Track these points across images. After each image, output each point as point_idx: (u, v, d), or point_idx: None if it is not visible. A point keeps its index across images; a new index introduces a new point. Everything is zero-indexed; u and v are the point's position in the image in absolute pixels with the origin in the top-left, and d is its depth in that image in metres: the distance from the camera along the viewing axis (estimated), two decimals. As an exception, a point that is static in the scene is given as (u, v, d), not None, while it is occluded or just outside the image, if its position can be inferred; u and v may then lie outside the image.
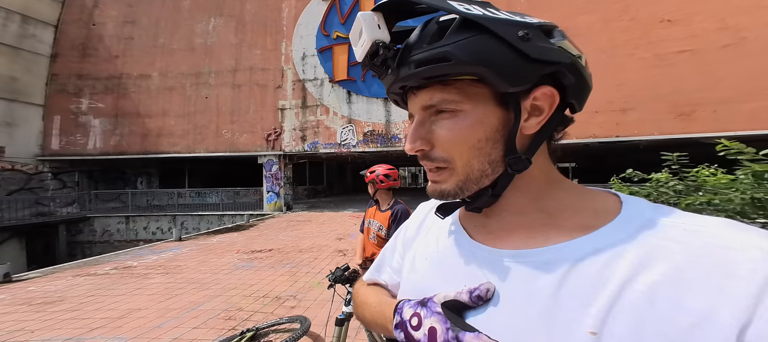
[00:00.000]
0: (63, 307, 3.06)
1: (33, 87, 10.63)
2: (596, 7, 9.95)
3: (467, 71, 0.29)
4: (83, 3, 11.56)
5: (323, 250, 5.58)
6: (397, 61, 0.31)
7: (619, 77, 9.39)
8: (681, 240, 0.25)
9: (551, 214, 0.33)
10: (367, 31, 0.31)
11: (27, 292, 3.56)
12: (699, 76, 8.49)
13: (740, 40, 8.28)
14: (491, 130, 0.31)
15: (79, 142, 10.88)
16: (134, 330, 2.62)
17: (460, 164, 0.32)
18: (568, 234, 0.30)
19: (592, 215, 0.31)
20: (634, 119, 9.18)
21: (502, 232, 0.34)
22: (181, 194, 12.14)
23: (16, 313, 2.94)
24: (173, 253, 5.40)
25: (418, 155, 0.34)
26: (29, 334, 2.50)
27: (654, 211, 0.29)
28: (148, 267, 4.57)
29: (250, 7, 11.75)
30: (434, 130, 0.33)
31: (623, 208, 0.31)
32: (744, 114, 7.95)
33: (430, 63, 0.29)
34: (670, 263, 0.24)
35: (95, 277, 4.11)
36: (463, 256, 0.35)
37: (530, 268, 0.30)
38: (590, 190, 0.34)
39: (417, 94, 0.33)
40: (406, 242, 0.46)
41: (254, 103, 11.14)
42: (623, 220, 0.29)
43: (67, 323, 2.72)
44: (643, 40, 9.39)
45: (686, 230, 0.26)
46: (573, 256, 0.28)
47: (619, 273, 0.25)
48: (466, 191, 0.33)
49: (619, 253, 0.26)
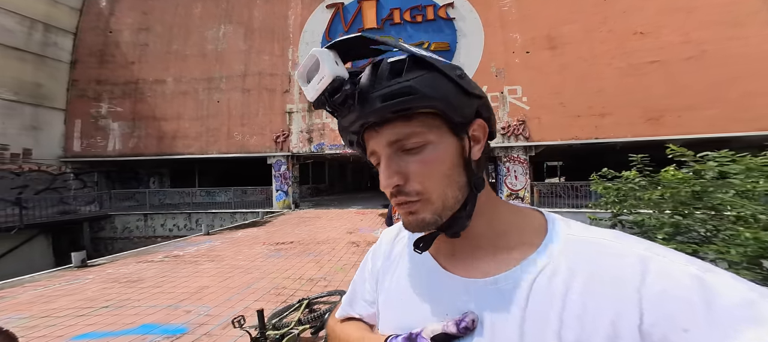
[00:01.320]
0: (147, 285, 3.85)
1: (55, 92, 11.12)
2: (578, 18, 10.80)
3: (428, 104, 0.32)
4: (100, 11, 12.01)
5: (338, 242, 6.35)
6: (358, 98, 0.32)
7: (598, 84, 10.31)
8: (588, 251, 0.32)
9: (503, 235, 0.36)
10: (326, 66, 0.31)
11: (108, 274, 4.33)
12: (666, 85, 9.53)
13: (701, 52, 9.33)
14: (455, 157, 0.34)
15: (100, 144, 11.44)
16: (211, 301, 3.40)
17: (435, 194, 0.33)
18: (521, 253, 0.34)
19: (532, 233, 0.36)
20: (611, 122, 10.11)
21: (470, 258, 0.37)
22: (192, 193, 12.78)
23: (114, 289, 3.72)
24: (208, 245, 6.17)
25: (393, 191, 0.34)
26: (137, 302, 3.30)
27: (567, 228, 0.35)
28: (194, 256, 5.35)
29: (258, 14, 12.34)
30: (406, 165, 0.34)
31: (548, 225, 0.36)
32: (704, 120, 9.03)
33: (395, 97, 0.31)
34: (585, 274, 0.30)
35: (155, 263, 4.88)
36: (441, 288, 0.37)
37: (502, 293, 0.33)
38: (521, 208, 0.39)
39: (380, 131, 0.34)
40: (376, 274, 0.47)
41: (263, 107, 11.82)
42: (551, 237, 0.34)
43: (157, 296, 3.52)
44: (619, 50, 10.31)
45: (591, 242, 0.32)
46: (529, 276, 0.32)
47: (560, 288, 0.31)
48: (443, 218, 0.34)
49: (555, 268, 0.32)
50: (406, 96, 0.31)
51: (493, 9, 11.57)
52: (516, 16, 11.46)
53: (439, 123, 0.34)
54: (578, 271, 0.31)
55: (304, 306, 2.97)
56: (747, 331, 0.24)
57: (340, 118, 0.36)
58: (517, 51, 11.11)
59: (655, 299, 0.27)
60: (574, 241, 0.33)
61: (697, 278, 0.27)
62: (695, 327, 0.25)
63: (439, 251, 0.40)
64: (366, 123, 0.34)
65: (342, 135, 0.39)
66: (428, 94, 0.32)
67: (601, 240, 0.32)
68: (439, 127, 0.34)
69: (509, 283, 0.33)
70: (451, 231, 0.36)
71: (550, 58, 10.93)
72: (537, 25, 11.13)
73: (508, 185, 10.59)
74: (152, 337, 2.60)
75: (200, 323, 2.85)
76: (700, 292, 0.26)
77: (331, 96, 0.32)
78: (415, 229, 0.36)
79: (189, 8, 12.18)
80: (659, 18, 9.93)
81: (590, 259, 0.31)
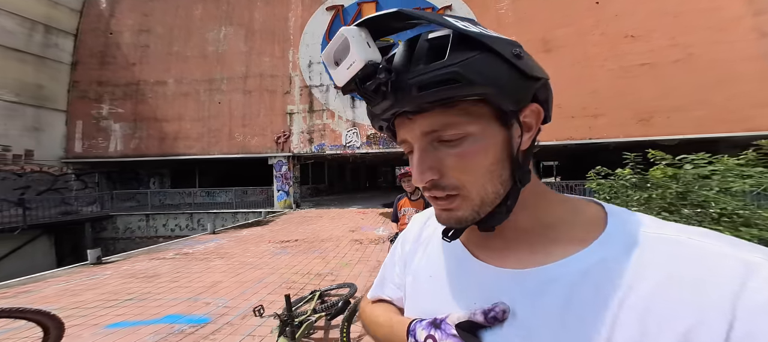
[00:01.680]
0: (164, 280, 4.01)
1: (56, 93, 11.16)
2: (572, 21, 11.10)
3: (476, 92, 0.27)
4: (100, 12, 12.04)
5: (341, 240, 6.53)
6: (391, 85, 0.28)
7: (591, 86, 10.64)
8: (665, 251, 0.26)
9: (549, 227, 0.33)
10: (357, 50, 0.28)
11: (124, 270, 4.47)
12: (655, 87, 9.90)
13: (688, 56, 9.72)
14: (499, 150, 0.30)
15: (101, 145, 11.48)
16: (227, 295, 3.58)
17: (475, 190, 0.30)
18: (566, 248, 0.30)
19: (584, 228, 0.31)
20: (604, 123, 10.43)
21: (505, 250, 0.34)
22: (193, 194, 12.88)
23: (133, 283, 3.87)
24: (216, 244, 6.33)
25: (427, 186, 0.31)
26: (158, 295, 3.47)
27: (636, 222, 0.30)
28: (203, 253, 5.51)
29: (259, 16, 12.47)
30: (442, 157, 0.30)
31: (609, 219, 0.31)
32: (692, 121, 9.40)
33: (436, 85, 0.27)
34: (659, 275, 0.25)
35: (167, 260, 5.03)
36: (470, 276, 0.35)
37: (538, 286, 0.29)
38: (576, 200, 0.35)
39: (414, 118, 0.30)
40: (406, 258, 0.45)
41: (264, 108, 11.96)
42: (611, 233, 0.30)
43: (176, 290, 3.68)
44: (611, 53, 10.64)
45: (669, 240, 0.27)
46: (574, 272, 0.28)
47: (616, 288, 0.26)
48: (482, 214, 0.31)
49: (612, 268, 0.27)
50: (449, 84, 0.27)
51: (490, 11, 11.85)
52: (512, 19, 11.75)
53: (486, 111, 0.29)
54: (649, 270, 0.26)
55: (316, 297, 3.18)
56: None
57: (371, 104, 0.32)
58: (514, 53, 11.57)
59: (758, 310, 0.22)
60: (647, 237, 0.29)
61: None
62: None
63: (470, 239, 0.38)
64: (398, 111, 0.31)
65: (370, 120, 0.35)
66: (477, 81, 0.27)
67: (684, 237, 0.27)
68: (485, 115, 0.30)
69: (548, 276, 0.30)
70: (486, 226, 0.32)
71: (545, 61, 10.81)
72: (532, 29, 11.41)
73: (504, 185, 10.98)
74: (179, 326, 2.78)
75: (220, 314, 3.03)
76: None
77: (363, 82, 0.29)
78: (450, 225, 0.33)
79: (189, 10, 12.27)
80: (649, 22, 10.29)
81: (668, 258, 0.26)
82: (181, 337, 2.59)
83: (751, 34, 9.13)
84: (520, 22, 11.59)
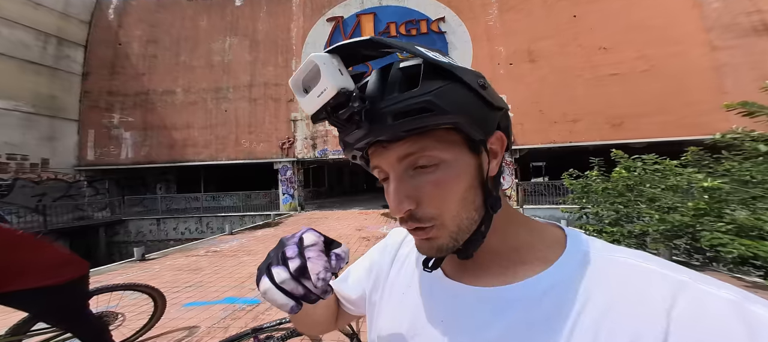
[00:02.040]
0: (208, 272, 4.68)
1: (69, 104, 11.49)
2: (553, 34, 12.11)
3: (448, 121, 0.28)
4: (108, 24, 12.38)
5: (350, 237, 7.18)
6: (366, 114, 0.28)
7: (570, 93, 11.63)
8: (614, 272, 0.29)
9: (516, 250, 0.34)
10: (328, 78, 0.27)
11: (169, 264, 5.08)
12: (625, 95, 11.05)
13: (652, 67, 10.91)
14: (472, 177, 0.31)
15: (113, 153, 11.85)
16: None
17: (449, 218, 0.31)
18: (531, 268, 0.33)
19: (547, 249, 0.34)
20: (582, 128, 11.41)
21: (477, 270, 0.35)
22: (199, 198, 13.35)
23: (183, 275, 4.52)
24: (238, 243, 6.97)
25: (404, 216, 0.32)
26: (210, 283, 4.15)
27: (590, 245, 0.33)
28: (230, 251, 6.16)
29: (262, 27, 13.07)
30: (419, 186, 0.31)
31: (568, 241, 0.34)
32: (657, 125, 10.56)
33: (410, 114, 0.28)
34: (608, 294, 0.28)
35: (201, 256, 5.68)
36: (441, 293, 0.37)
37: (505, 304, 0.31)
38: (540, 223, 0.37)
39: (388, 147, 0.30)
40: (380, 274, 0.46)
41: (269, 115, 12.56)
42: (569, 254, 0.32)
43: (222, 280, 4.36)
44: (587, 63, 11.67)
45: (617, 262, 0.30)
46: (538, 291, 0.31)
47: (572, 306, 0.29)
48: (460, 241, 0.32)
49: (569, 287, 0.30)
50: (423, 113, 0.27)
51: (480, 23, 12.76)
52: (500, 31, 12.68)
53: (457, 138, 0.30)
54: (600, 289, 0.29)
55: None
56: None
57: (343, 134, 0.31)
58: (502, 62, 12.31)
59: (686, 323, 0.24)
60: (596, 259, 0.31)
61: (737, 305, 0.24)
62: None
63: (446, 261, 0.38)
64: (373, 141, 0.30)
65: (343, 148, 0.34)
66: (449, 110, 0.28)
67: (629, 260, 0.30)
68: (457, 143, 0.30)
69: (516, 295, 0.31)
70: (465, 254, 0.33)
71: (530, 70, 12.18)
72: (518, 40, 12.39)
73: (495, 185, 11.94)
74: (238, 305, 3.46)
75: None
76: (740, 324, 0.23)
77: (335, 111, 0.29)
78: (431, 254, 0.34)
79: (195, 21, 12.76)
80: (618, 35, 11.37)
81: (614, 279, 0.29)
82: (243, 313, 3.27)
83: (704, 48, 10.39)
84: (508, 34, 12.53)
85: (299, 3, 13.37)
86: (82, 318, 1.93)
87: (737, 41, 10.12)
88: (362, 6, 13.14)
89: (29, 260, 1.72)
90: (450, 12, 12.86)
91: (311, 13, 13.23)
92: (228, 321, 2.98)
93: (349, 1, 13.19)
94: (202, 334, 2.72)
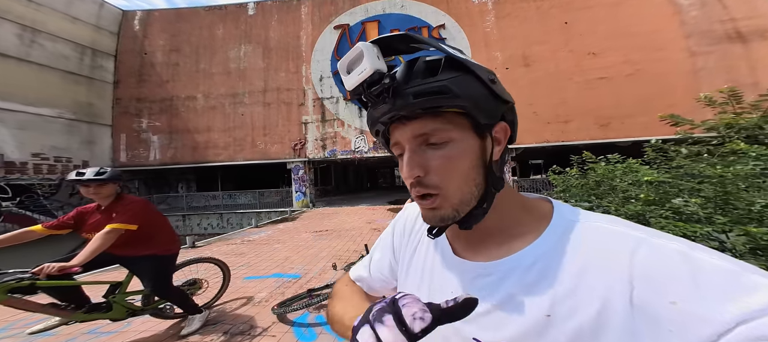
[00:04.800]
0: (250, 256, 5.63)
1: (103, 110, 12.49)
2: (547, 39, 12.94)
3: (458, 104, 0.34)
4: (134, 34, 13.28)
5: (362, 229, 7.76)
6: (392, 92, 0.34)
7: (562, 96, 12.52)
8: (589, 236, 0.34)
9: (512, 225, 0.39)
10: (369, 60, 0.34)
11: (216, 250, 6.03)
12: (611, 97, 11.89)
13: (637, 71, 11.74)
14: (475, 157, 0.36)
15: (142, 155, 12.83)
16: (300, 263, 5.10)
17: (452, 190, 0.36)
18: (524, 240, 0.37)
19: (536, 221, 0.39)
20: (574, 128, 12.25)
21: (480, 245, 0.41)
22: (216, 196, 14.32)
23: (232, 257, 5.47)
24: (267, 234, 7.92)
25: (413, 182, 0.37)
26: (256, 263, 5.12)
27: (572, 214, 0.38)
28: (263, 240, 7.10)
29: (274, 35, 13.92)
30: (429, 158, 0.36)
31: (554, 213, 0.39)
32: (640, 125, 11.38)
33: (429, 95, 0.33)
34: (584, 256, 0.33)
35: (239, 245, 6.63)
36: (450, 270, 0.42)
37: (502, 274, 0.37)
38: (532, 200, 0.42)
39: (407, 124, 0.36)
40: (395, 247, 0.53)
41: (282, 119, 13.47)
42: (554, 225, 0.37)
43: (265, 261, 5.29)
44: (577, 68, 12.50)
45: (592, 227, 0.35)
46: (528, 261, 0.36)
47: (556, 271, 0.34)
48: (461, 213, 0.37)
49: (554, 254, 0.35)
50: (438, 95, 0.33)
51: (479, 30, 13.56)
52: (497, 37, 13.48)
53: (465, 122, 0.36)
54: (576, 253, 0.34)
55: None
56: (730, 302, 0.25)
57: (373, 108, 0.38)
58: (499, 67, 13.10)
59: (645, 273, 0.29)
60: (575, 227, 0.36)
61: (683, 254, 0.29)
62: (682, 299, 0.26)
63: (455, 236, 0.44)
64: (396, 115, 0.36)
65: (370, 125, 0.40)
66: (459, 94, 0.33)
67: (601, 225, 0.35)
68: (464, 126, 0.36)
69: (508, 267, 0.36)
70: (466, 225, 0.38)
71: (524, 74, 13.00)
72: (514, 45, 13.18)
73: (493, 181, 12.77)
74: (284, 279, 4.24)
75: (304, 272, 4.60)
76: (686, 267, 0.28)
77: (369, 88, 0.35)
78: (434, 223, 0.38)
79: (212, 30, 13.64)
80: (605, 41, 12.19)
81: (590, 243, 0.34)
82: (291, 284, 4.00)
83: (683, 54, 11.23)
84: (504, 39, 13.33)
85: (308, 11, 14.19)
86: (171, 284, 2.31)
87: (713, 47, 10.97)
88: (367, 14, 13.96)
89: (157, 233, 2.20)
90: (450, 19, 13.63)
91: (319, 21, 14.04)
92: (282, 289, 3.67)
93: (355, 9, 14.01)
94: (264, 298, 3.21)
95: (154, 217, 2.28)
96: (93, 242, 1.89)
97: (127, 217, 2.01)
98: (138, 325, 2.66)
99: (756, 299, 0.25)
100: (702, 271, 0.28)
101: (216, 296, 3.02)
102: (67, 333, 2.61)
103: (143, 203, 2.21)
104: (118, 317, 2.22)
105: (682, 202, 4.12)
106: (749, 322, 0.24)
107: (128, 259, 2.18)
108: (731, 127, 4.62)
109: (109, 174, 2.08)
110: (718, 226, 3.63)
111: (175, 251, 2.36)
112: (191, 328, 2.39)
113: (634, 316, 0.28)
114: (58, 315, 1.98)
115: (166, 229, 2.35)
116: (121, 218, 2.00)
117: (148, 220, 2.18)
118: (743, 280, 0.26)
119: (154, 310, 2.44)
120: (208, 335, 2.42)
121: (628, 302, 0.29)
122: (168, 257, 2.31)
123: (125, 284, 2.25)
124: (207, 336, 2.41)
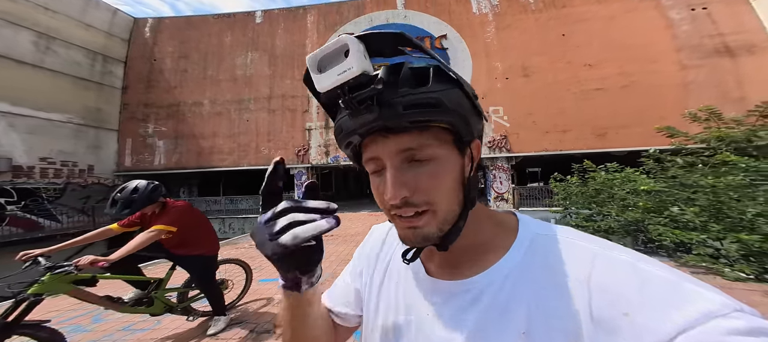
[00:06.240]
0: (263, 258, 5.70)
1: (111, 115, 12.62)
2: (545, 50, 13.21)
3: (448, 119, 0.32)
4: (145, 41, 13.51)
5: (366, 234, 8.39)
6: (377, 101, 0.31)
7: (560, 106, 12.69)
8: (551, 249, 0.35)
9: (482, 242, 0.39)
10: (355, 58, 0.29)
11: (226, 254, 6.18)
12: (607, 108, 12.18)
13: (632, 83, 12.10)
14: (458, 173, 0.35)
15: (147, 159, 12.90)
16: None
17: (443, 205, 0.34)
18: (495, 254, 0.38)
19: (505, 236, 0.39)
20: (571, 137, 12.43)
21: (453, 263, 0.40)
22: (218, 201, 14.36)
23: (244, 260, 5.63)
24: (273, 238, 8.04)
25: (399, 203, 0.33)
26: (267, 266, 5.20)
27: (536, 226, 0.39)
28: (271, 245, 7.23)
29: (280, 43, 14.21)
30: (415, 176, 0.33)
31: (519, 227, 0.39)
32: (635, 136, 11.62)
33: (421, 107, 0.31)
34: (544, 273, 0.34)
35: (248, 248, 6.74)
36: (422, 290, 0.41)
37: (481, 291, 0.36)
38: (500, 214, 0.42)
39: (390, 137, 0.33)
40: (366, 274, 0.50)
41: (286, 125, 13.64)
42: (520, 240, 0.38)
43: None
44: (574, 79, 12.75)
45: (555, 239, 0.36)
46: (500, 278, 0.36)
47: (527, 285, 0.34)
48: (444, 231, 0.35)
49: (523, 269, 0.35)
50: (431, 108, 0.31)
51: (479, 41, 13.81)
52: (497, 48, 13.73)
53: (448, 138, 0.34)
54: (539, 269, 0.34)
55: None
56: (673, 311, 0.26)
57: (350, 117, 0.33)
58: (499, 77, 13.38)
59: (601, 289, 0.30)
60: (538, 241, 0.37)
61: (632, 266, 0.30)
62: (633, 311, 0.27)
63: (428, 256, 0.43)
64: (378, 127, 0.32)
65: (340, 136, 0.35)
66: (450, 108, 0.32)
67: (559, 236, 0.36)
68: (449, 142, 0.34)
69: (483, 284, 0.36)
70: (443, 246, 0.36)
71: (524, 84, 13.23)
72: (514, 55, 13.47)
73: (494, 189, 12.75)
74: None
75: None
76: (633, 280, 0.29)
77: (352, 91, 0.30)
78: (416, 243, 0.36)
79: (220, 37, 13.92)
80: (601, 53, 12.48)
81: (551, 257, 0.34)
82: None
83: (675, 67, 11.65)
84: (504, 50, 13.57)
85: (313, 20, 14.52)
86: (214, 281, 2.54)
87: (703, 61, 11.42)
88: (371, 23, 14.28)
89: (202, 234, 2.48)
90: (452, 30, 13.94)
91: (324, 29, 14.37)
92: (298, 289, 4.06)
93: (359, 19, 14.37)
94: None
95: (198, 219, 2.47)
96: (134, 240, 2.05)
97: (168, 220, 2.21)
98: (167, 323, 2.80)
99: (695, 308, 0.26)
100: (648, 282, 0.29)
101: (239, 295, 3.18)
102: (103, 330, 2.75)
103: (183, 209, 2.40)
104: (156, 312, 2.38)
105: (679, 211, 4.30)
106: (688, 330, 0.25)
107: (182, 258, 2.38)
108: (722, 139, 4.91)
109: (138, 204, 2.19)
110: (713, 233, 3.80)
111: (218, 251, 2.59)
112: (217, 328, 2.53)
113: (596, 330, 0.29)
114: (110, 307, 2.14)
115: (209, 232, 2.54)
116: (162, 220, 2.20)
117: (190, 222, 2.37)
118: (681, 290, 0.27)
119: (185, 309, 2.62)
120: (236, 334, 2.56)
121: (589, 318, 0.30)
122: (213, 257, 2.54)
123: (165, 281, 2.44)
124: (235, 334, 2.55)
